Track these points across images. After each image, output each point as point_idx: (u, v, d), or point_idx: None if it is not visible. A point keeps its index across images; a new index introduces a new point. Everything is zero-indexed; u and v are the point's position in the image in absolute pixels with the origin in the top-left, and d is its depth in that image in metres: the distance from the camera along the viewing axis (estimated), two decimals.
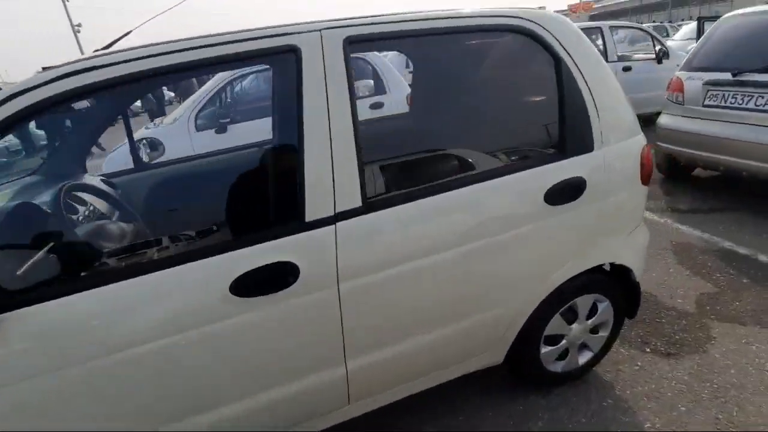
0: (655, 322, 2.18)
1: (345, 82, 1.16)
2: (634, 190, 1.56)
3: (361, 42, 1.20)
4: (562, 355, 1.75)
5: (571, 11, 29.67)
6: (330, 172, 1.15)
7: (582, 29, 5.76)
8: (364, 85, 4.78)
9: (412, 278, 1.26)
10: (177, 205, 1.60)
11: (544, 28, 1.38)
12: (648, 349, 2.00)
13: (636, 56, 5.77)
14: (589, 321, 1.70)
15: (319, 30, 1.17)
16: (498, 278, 1.40)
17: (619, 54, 5.66)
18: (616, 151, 1.49)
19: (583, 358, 1.80)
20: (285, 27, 1.15)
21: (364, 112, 3.58)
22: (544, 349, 1.68)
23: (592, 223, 1.48)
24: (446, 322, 1.38)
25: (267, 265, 1.10)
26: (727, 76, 3.19)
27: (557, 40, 1.38)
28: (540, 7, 1.44)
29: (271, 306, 1.12)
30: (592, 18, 25.01)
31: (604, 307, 1.72)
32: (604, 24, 5.48)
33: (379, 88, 4.53)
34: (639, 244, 1.68)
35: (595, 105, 1.43)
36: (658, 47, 5.51)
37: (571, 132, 1.42)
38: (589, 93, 1.42)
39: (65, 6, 19.66)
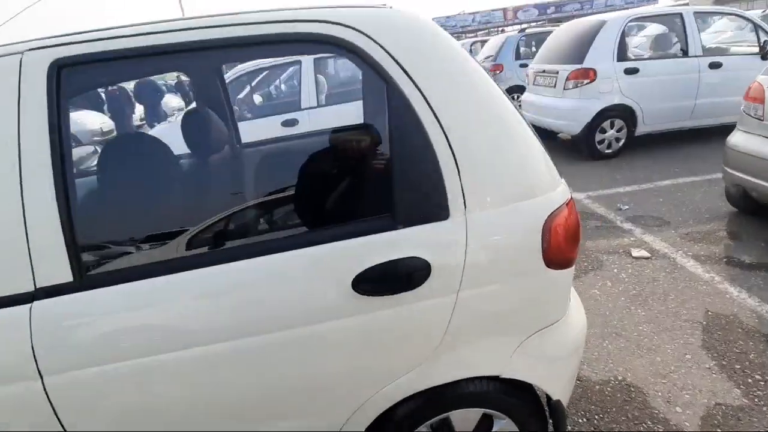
0: None
1: (45, 121, 0.87)
2: (533, 276, 1.03)
3: (81, 65, 0.90)
4: None
5: None
6: (23, 235, 0.87)
7: (656, 16, 4.69)
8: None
9: (152, 377, 0.94)
10: None
11: (369, 37, 0.92)
12: None
13: (732, 50, 4.54)
14: None
15: (21, 52, 0.89)
16: (285, 390, 1.00)
17: (708, 46, 4.49)
18: (495, 219, 0.98)
19: None
20: None
21: None
22: None
23: (448, 322, 1.00)
24: None
25: None
26: None
27: (389, 53, 0.92)
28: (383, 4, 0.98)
29: None
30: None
31: (503, 425, 1.21)
32: (687, 9, 4.36)
33: None
34: (552, 349, 1.13)
35: (453, 151, 0.94)
36: (763, 38, 4.25)
37: (405, 190, 0.95)
38: (441, 133, 0.93)
39: None
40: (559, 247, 1.03)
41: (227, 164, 1.19)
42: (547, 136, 5.78)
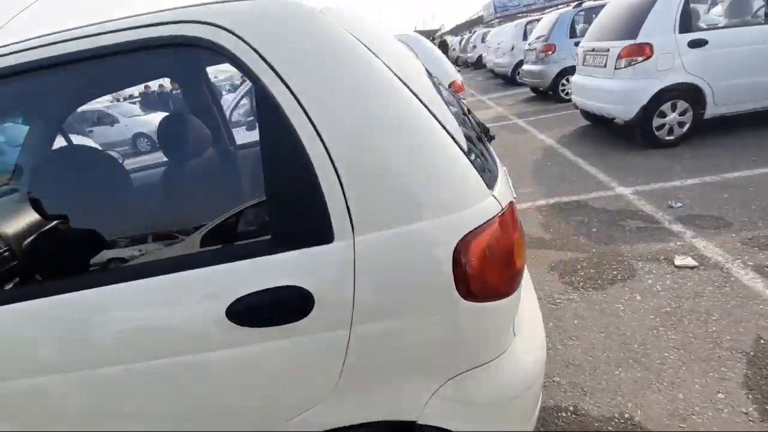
0: None
1: None
2: (445, 309, 0.85)
3: None
4: None
5: None
6: None
7: None
8: None
9: (23, 399, 0.92)
10: None
11: (234, 34, 0.80)
12: None
13: None
14: None
15: None
16: (163, 419, 0.94)
17: None
18: (391, 242, 0.81)
19: None
20: None
21: None
22: None
23: (344, 358, 0.87)
24: None
25: None
26: None
27: (257, 51, 0.79)
28: None
29: None
30: None
31: None
32: None
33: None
34: (486, 394, 0.94)
35: (334, 163, 0.79)
36: None
37: (280, 209, 0.82)
38: (319, 141, 0.79)
39: None
40: (481, 274, 0.84)
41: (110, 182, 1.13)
42: (596, 121, 5.20)
